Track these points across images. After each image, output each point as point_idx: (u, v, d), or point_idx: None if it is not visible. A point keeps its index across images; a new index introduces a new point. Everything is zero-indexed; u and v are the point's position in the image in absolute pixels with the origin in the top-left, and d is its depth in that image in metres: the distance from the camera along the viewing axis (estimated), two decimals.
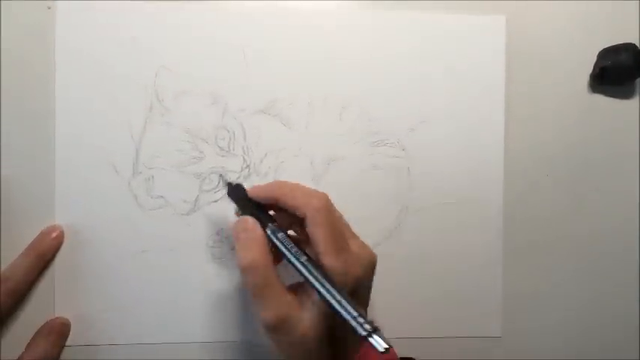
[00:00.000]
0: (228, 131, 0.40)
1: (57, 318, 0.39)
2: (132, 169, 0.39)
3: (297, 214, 0.33)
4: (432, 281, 0.42)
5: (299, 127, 0.41)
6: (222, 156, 0.40)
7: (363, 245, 0.35)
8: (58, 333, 0.38)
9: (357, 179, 0.41)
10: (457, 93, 0.42)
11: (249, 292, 0.32)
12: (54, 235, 0.38)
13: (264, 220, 0.34)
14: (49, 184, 0.39)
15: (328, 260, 0.31)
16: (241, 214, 0.35)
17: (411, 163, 0.42)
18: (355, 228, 0.35)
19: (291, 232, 0.34)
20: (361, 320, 0.29)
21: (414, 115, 0.42)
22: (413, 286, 0.42)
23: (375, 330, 0.29)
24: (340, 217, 0.35)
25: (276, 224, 0.33)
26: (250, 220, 0.34)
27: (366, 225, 0.41)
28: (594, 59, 0.43)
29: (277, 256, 0.33)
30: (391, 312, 0.40)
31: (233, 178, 0.40)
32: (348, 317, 0.29)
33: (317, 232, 0.32)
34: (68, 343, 0.39)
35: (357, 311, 0.29)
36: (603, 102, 0.44)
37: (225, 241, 0.40)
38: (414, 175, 0.42)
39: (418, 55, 0.42)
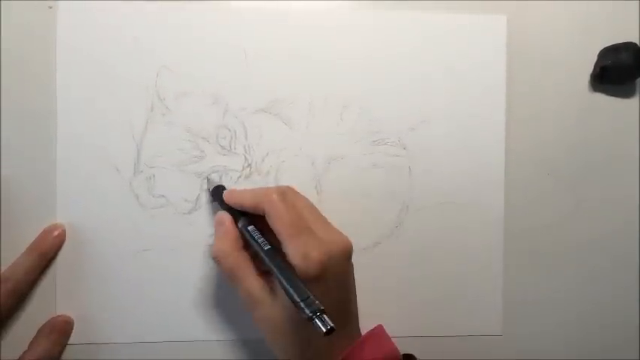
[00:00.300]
0: (230, 130, 0.40)
1: (59, 316, 0.39)
2: (133, 168, 0.39)
3: (261, 214, 0.35)
4: (433, 280, 0.42)
5: (300, 127, 0.41)
6: (224, 155, 0.40)
7: (333, 232, 0.35)
8: (60, 331, 0.38)
9: (357, 178, 0.41)
10: (458, 92, 0.42)
11: (225, 279, 0.35)
12: (56, 233, 0.38)
13: (237, 215, 0.36)
14: (51, 183, 0.39)
15: (287, 246, 0.33)
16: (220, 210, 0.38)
17: (411, 162, 0.42)
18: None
19: None
20: (305, 303, 0.30)
21: (414, 115, 0.42)
22: (413, 285, 0.42)
23: (321, 312, 0.29)
24: (305, 205, 0.36)
25: (245, 219, 0.36)
26: (224, 216, 0.37)
27: (366, 224, 0.41)
28: (595, 59, 0.43)
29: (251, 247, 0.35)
30: (392, 310, 0.40)
31: (234, 177, 0.40)
32: (295, 298, 0.30)
33: (274, 222, 0.34)
34: (70, 341, 0.39)
35: (302, 294, 0.30)
36: (604, 101, 0.44)
37: None
38: (415, 175, 0.42)
39: (419, 55, 0.42)
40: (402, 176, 0.42)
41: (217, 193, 0.38)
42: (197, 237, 0.40)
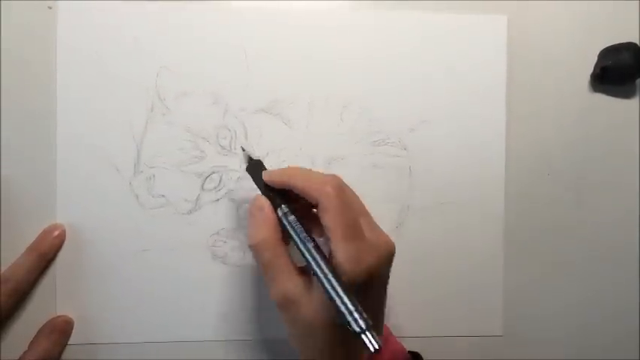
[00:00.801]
0: (230, 130, 0.40)
1: (60, 316, 0.39)
2: (133, 168, 0.39)
3: (311, 201, 0.32)
4: (433, 280, 0.42)
5: (300, 127, 0.41)
6: (224, 155, 0.40)
7: (380, 233, 0.34)
8: (60, 331, 0.38)
9: (358, 178, 0.41)
10: (458, 92, 0.42)
11: (260, 270, 0.33)
12: (56, 233, 0.38)
13: (277, 201, 0.34)
14: (51, 183, 0.39)
15: (339, 248, 0.31)
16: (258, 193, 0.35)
17: (412, 162, 0.42)
18: None
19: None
20: (356, 315, 0.28)
21: (415, 115, 0.42)
22: (414, 286, 0.42)
23: (369, 327, 0.28)
24: (355, 202, 0.34)
25: (287, 207, 0.33)
26: (263, 200, 0.34)
27: None
28: (595, 59, 0.43)
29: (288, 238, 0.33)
30: (392, 311, 0.40)
31: (234, 178, 0.40)
32: (343, 310, 0.28)
33: (328, 219, 0.31)
34: (70, 341, 0.39)
35: (354, 305, 0.28)
36: (604, 101, 0.44)
37: (227, 240, 0.40)
38: (416, 175, 0.42)
39: (419, 55, 0.42)
40: (403, 176, 0.42)
41: (255, 169, 0.36)
42: (197, 237, 0.40)
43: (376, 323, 0.33)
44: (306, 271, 0.33)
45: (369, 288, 0.31)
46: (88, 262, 0.39)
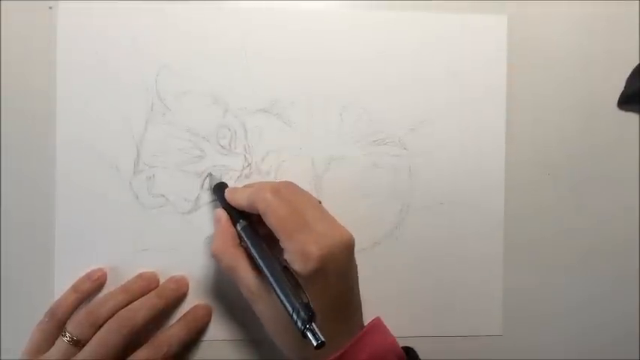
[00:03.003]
0: (230, 130, 0.40)
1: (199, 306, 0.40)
2: (133, 167, 0.39)
3: (257, 212, 0.34)
4: (433, 280, 0.42)
5: (300, 127, 0.41)
6: (224, 155, 0.40)
7: (333, 226, 0.35)
8: (197, 320, 0.39)
9: (357, 178, 0.41)
10: (458, 92, 0.42)
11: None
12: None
13: (235, 213, 0.37)
14: (50, 183, 0.39)
15: (284, 243, 0.33)
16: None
17: (412, 162, 0.42)
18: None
19: None
20: (295, 316, 0.30)
21: (415, 115, 0.42)
22: (413, 285, 0.42)
23: (310, 321, 0.30)
24: (303, 200, 0.35)
25: (243, 217, 0.36)
26: (221, 213, 0.37)
27: (366, 224, 0.41)
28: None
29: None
30: (391, 310, 0.40)
31: (234, 177, 0.40)
32: (288, 309, 0.30)
33: (269, 220, 0.33)
34: None
35: (297, 304, 0.30)
36: (604, 101, 0.44)
37: None
38: (415, 175, 0.42)
39: (419, 55, 0.42)
40: (402, 176, 0.42)
41: (218, 190, 0.38)
42: (197, 237, 0.40)
43: (345, 312, 0.35)
44: None
45: (323, 277, 0.32)
46: (88, 262, 0.39)
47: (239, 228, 0.36)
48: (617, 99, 0.43)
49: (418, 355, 0.37)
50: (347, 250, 0.34)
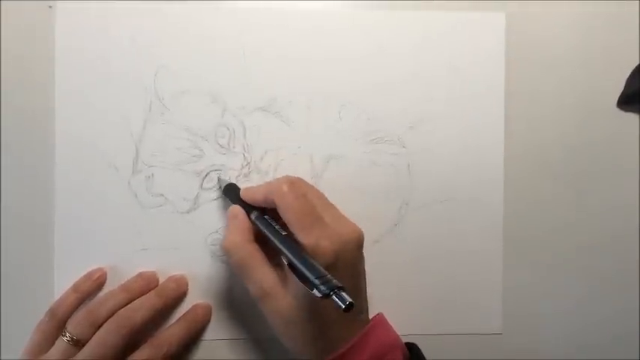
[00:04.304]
0: (228, 129, 0.40)
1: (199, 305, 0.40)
2: (132, 167, 0.40)
3: (273, 206, 0.35)
4: (433, 278, 0.42)
5: (299, 125, 0.41)
6: (223, 154, 0.40)
7: (345, 222, 0.36)
8: (197, 321, 0.39)
9: (356, 176, 0.41)
10: (457, 90, 0.42)
11: (233, 271, 0.36)
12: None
13: (249, 208, 0.36)
14: (49, 182, 0.39)
15: (298, 236, 0.33)
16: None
17: (411, 160, 0.42)
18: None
19: None
20: (325, 280, 0.29)
21: (413, 113, 0.42)
22: (413, 283, 0.42)
23: (339, 288, 0.28)
24: (316, 195, 0.36)
25: (260, 211, 0.36)
26: (237, 209, 0.37)
27: (366, 222, 0.41)
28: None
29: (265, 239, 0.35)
30: (391, 308, 0.40)
31: (233, 176, 0.40)
32: (311, 277, 0.30)
33: (285, 213, 0.34)
34: None
35: (321, 272, 0.30)
36: (603, 99, 0.43)
37: None
38: (414, 173, 0.42)
39: (418, 53, 0.42)
40: (401, 174, 0.42)
41: (230, 190, 0.39)
42: (196, 236, 0.40)
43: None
44: (281, 267, 0.34)
45: (335, 270, 0.32)
46: (87, 262, 0.39)
47: (253, 217, 0.36)
48: (617, 98, 0.43)
49: (421, 351, 0.37)
50: (357, 245, 0.35)
